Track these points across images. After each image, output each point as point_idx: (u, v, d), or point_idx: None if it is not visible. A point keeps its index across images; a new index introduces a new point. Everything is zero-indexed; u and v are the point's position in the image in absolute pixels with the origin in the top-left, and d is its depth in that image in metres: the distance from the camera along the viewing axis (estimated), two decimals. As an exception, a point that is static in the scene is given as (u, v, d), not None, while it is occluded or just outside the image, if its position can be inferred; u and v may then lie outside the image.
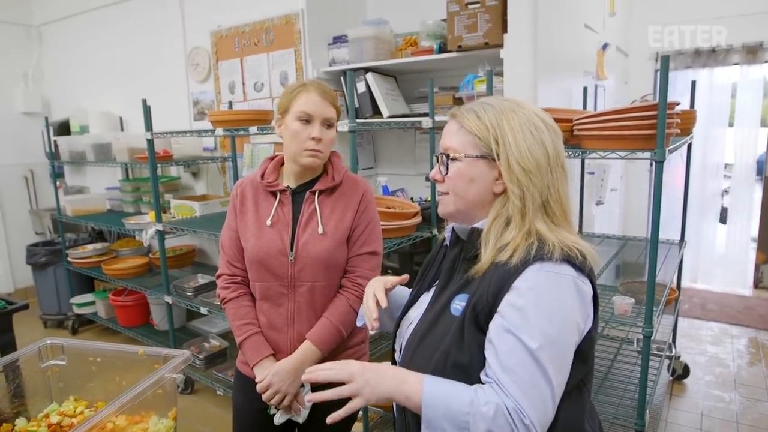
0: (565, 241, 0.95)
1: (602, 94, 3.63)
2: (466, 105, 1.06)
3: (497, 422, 0.85)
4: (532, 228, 0.96)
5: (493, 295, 0.93)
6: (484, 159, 0.99)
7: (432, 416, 0.89)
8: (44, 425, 1.24)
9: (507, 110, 1.00)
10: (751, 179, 4.65)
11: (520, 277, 0.91)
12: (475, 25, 2.51)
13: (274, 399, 1.44)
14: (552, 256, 0.92)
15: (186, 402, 3.13)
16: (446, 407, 0.88)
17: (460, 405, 0.88)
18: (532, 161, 0.96)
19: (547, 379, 0.88)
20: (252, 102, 3.47)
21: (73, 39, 4.65)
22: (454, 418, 0.87)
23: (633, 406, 2.12)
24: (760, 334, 3.89)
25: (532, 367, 0.87)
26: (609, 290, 2.42)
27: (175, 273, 3.65)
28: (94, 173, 4.75)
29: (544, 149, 0.98)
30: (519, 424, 0.85)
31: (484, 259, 0.96)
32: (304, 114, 1.43)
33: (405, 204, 2.60)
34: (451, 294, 1.02)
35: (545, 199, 0.98)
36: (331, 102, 1.47)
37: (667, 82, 1.69)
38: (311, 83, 1.47)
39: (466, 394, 0.89)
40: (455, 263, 1.07)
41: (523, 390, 0.87)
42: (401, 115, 2.91)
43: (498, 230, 0.98)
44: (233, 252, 1.55)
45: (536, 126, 0.99)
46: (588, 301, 0.95)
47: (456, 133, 1.02)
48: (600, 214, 3.59)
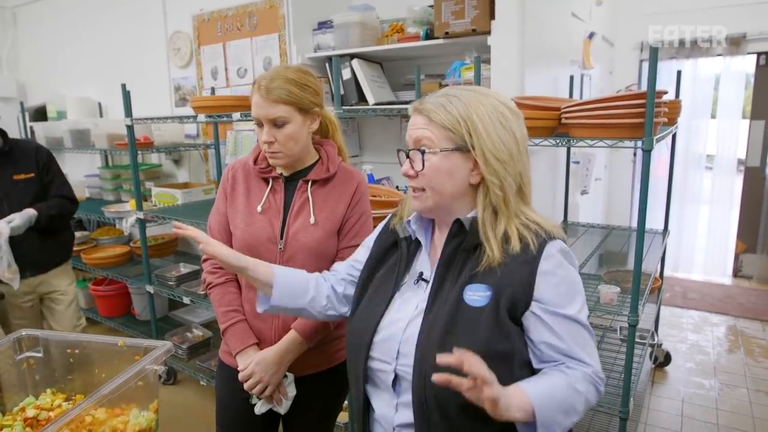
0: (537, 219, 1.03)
1: (588, 84, 3.63)
2: (428, 97, 1.04)
3: (589, 390, 0.97)
4: (519, 213, 1.02)
5: (529, 286, 0.97)
6: (459, 151, 1.00)
7: (547, 417, 0.91)
8: (20, 419, 1.20)
9: (473, 101, 1.00)
10: (732, 170, 4.71)
11: (541, 264, 0.98)
12: (462, 11, 2.48)
13: (255, 389, 1.41)
14: (552, 236, 1.01)
15: (169, 392, 3.10)
16: (555, 404, 0.93)
17: (563, 394, 0.94)
18: (506, 151, 1.00)
19: (592, 335, 1.02)
20: (235, 88, 3.40)
21: (50, 21, 4.51)
22: (564, 409, 0.94)
23: (617, 393, 2.14)
24: (739, 321, 3.97)
25: (584, 332, 1.00)
26: (593, 279, 2.43)
27: (157, 262, 3.59)
28: (72, 160, 4.64)
29: (513, 137, 1.01)
30: (598, 380, 0.99)
31: (495, 252, 0.98)
32: (254, 119, 1.40)
33: (390, 192, 2.57)
34: (460, 285, 1.00)
35: (519, 184, 1.03)
36: (275, 98, 1.34)
37: (656, 72, 1.68)
38: (260, 81, 1.37)
39: (563, 381, 0.95)
40: (454, 255, 1.04)
41: (590, 353, 0.99)
42: (387, 103, 2.87)
43: (491, 222, 1.01)
44: (222, 236, 1.51)
45: (503, 114, 1.01)
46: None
47: (426, 127, 1.01)
48: (584, 203, 3.61)
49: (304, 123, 1.41)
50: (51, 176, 2.54)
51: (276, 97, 1.35)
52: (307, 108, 1.40)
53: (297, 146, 1.42)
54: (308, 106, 1.40)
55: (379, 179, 2.99)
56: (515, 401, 0.88)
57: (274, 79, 1.36)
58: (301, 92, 1.38)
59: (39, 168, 2.50)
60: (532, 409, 0.89)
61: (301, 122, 1.40)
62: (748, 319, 4.00)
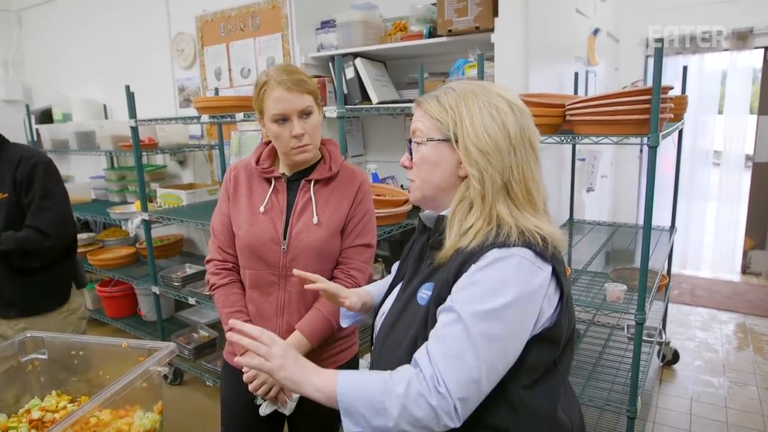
0: (526, 224, 0.93)
1: (593, 80, 3.61)
2: (432, 91, 1.04)
3: (409, 395, 0.86)
4: (493, 211, 0.94)
5: (451, 282, 0.93)
6: (447, 142, 0.98)
7: (348, 404, 0.90)
8: (25, 421, 1.20)
9: (468, 93, 0.98)
10: (740, 166, 4.67)
11: (475, 263, 0.90)
12: (465, 8, 2.47)
13: (260, 389, 1.41)
14: (508, 241, 0.90)
15: (175, 393, 3.10)
16: (361, 393, 0.90)
17: (375, 388, 0.89)
18: (490, 143, 0.94)
19: (476, 353, 0.86)
20: (239, 88, 3.41)
21: (55, 24, 4.53)
22: (370, 401, 0.88)
23: (624, 391, 2.12)
24: (748, 319, 3.93)
25: (462, 339, 0.86)
26: (600, 277, 2.41)
27: (163, 263, 3.60)
28: (78, 162, 4.66)
29: (505, 130, 0.95)
30: (434, 392, 0.85)
31: (447, 245, 0.95)
32: (278, 116, 1.39)
33: (395, 191, 2.57)
34: (418, 283, 1.02)
35: (507, 181, 0.94)
36: (301, 89, 1.38)
37: (661, 67, 1.67)
38: (274, 77, 1.39)
39: (380, 378, 0.90)
40: (422, 252, 1.07)
41: (447, 359, 0.86)
42: (391, 102, 2.86)
43: (462, 215, 0.96)
44: (225, 237, 1.52)
45: (498, 107, 0.96)
46: (544, 286, 0.91)
47: (420, 118, 1.02)
48: (590, 201, 3.59)
49: (319, 114, 1.46)
50: (30, 198, 1.90)
51: (302, 88, 1.39)
52: (318, 99, 1.45)
53: (318, 138, 1.47)
54: (318, 97, 1.45)
55: (384, 178, 2.98)
56: (315, 380, 0.94)
57: (290, 72, 1.40)
58: (312, 82, 1.44)
59: (16, 186, 1.89)
60: (335, 394, 0.91)
61: (318, 113, 1.45)
62: (757, 316, 3.96)
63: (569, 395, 1.05)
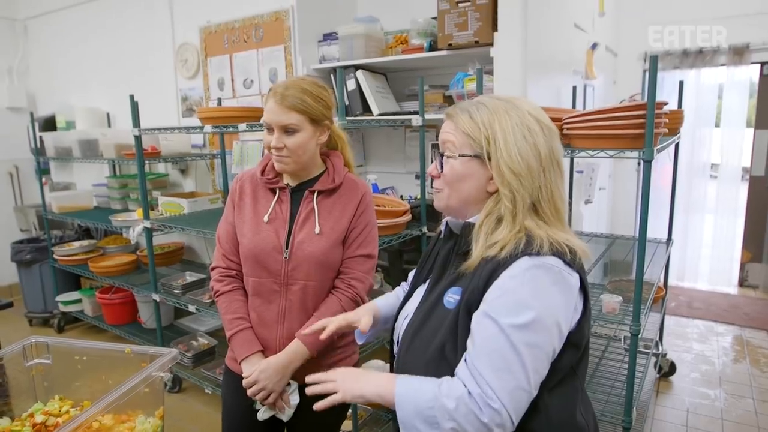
0: (555, 237, 0.96)
1: (591, 94, 3.65)
2: (461, 103, 1.06)
3: (459, 412, 0.87)
4: (523, 227, 0.97)
5: (482, 289, 0.95)
6: (478, 159, 1.00)
7: (404, 415, 0.91)
8: (29, 425, 1.22)
9: (500, 110, 1.00)
10: (736, 179, 4.71)
11: (507, 270, 0.93)
12: (465, 23, 2.51)
13: (259, 395, 1.43)
14: (540, 251, 0.93)
15: (174, 400, 3.11)
16: (415, 405, 0.91)
17: (426, 401, 0.90)
18: (523, 165, 0.97)
19: (522, 363, 0.88)
20: (241, 99, 3.45)
21: (60, 33, 4.58)
22: (422, 414, 0.90)
23: (620, 402, 2.14)
24: (745, 331, 3.95)
25: (508, 351, 0.89)
26: (597, 288, 2.43)
27: (163, 270, 3.62)
28: (80, 169, 4.69)
29: (536, 151, 0.98)
30: (485, 408, 0.87)
31: (474, 254, 0.98)
32: (265, 123, 1.43)
33: (395, 202, 2.60)
34: (444, 287, 1.04)
35: (536, 200, 0.99)
36: (288, 105, 1.39)
37: (655, 82, 1.70)
38: (276, 88, 1.42)
39: (430, 389, 0.91)
40: (448, 257, 1.09)
41: (496, 373, 0.88)
42: (391, 113, 2.90)
43: (489, 227, 0.99)
44: (229, 246, 1.55)
45: (529, 128, 0.99)
46: (575, 292, 0.96)
47: (452, 132, 1.04)
48: (588, 213, 3.61)
49: (314, 134, 1.45)
50: None
51: (290, 105, 1.39)
52: (319, 120, 1.45)
53: (305, 155, 1.46)
54: (319, 118, 1.44)
55: (384, 189, 3.01)
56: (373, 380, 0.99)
57: (289, 87, 1.41)
58: (314, 103, 1.42)
59: None
60: (393, 397, 0.93)
61: (311, 133, 1.44)
62: (753, 328, 3.98)
63: (585, 399, 1.08)
